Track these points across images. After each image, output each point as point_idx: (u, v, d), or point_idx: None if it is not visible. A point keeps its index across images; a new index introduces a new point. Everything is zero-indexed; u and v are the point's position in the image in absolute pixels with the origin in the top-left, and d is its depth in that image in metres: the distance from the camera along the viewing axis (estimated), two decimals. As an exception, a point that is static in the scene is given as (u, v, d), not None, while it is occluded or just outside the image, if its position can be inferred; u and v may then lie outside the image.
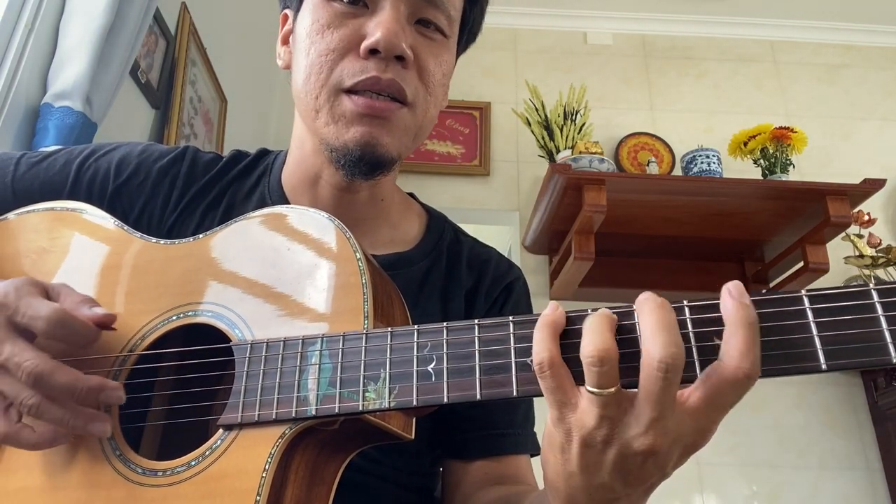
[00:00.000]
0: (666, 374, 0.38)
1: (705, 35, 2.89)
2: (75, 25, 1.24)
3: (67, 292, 0.53)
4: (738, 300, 0.39)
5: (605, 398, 0.39)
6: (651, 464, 0.40)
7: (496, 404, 0.72)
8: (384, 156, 0.65)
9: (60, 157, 0.72)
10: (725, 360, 0.38)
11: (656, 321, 0.39)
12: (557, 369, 0.41)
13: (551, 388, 0.41)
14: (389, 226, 0.77)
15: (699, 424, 0.40)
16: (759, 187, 2.08)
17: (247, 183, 0.76)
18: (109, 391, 0.49)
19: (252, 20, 2.39)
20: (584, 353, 0.40)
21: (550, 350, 0.41)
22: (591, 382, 0.40)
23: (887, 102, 2.76)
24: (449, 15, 0.67)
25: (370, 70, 0.62)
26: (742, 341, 0.38)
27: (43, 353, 0.48)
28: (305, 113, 0.67)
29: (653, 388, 0.38)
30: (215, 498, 0.47)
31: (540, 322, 0.43)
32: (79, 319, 0.50)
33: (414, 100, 0.65)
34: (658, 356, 0.38)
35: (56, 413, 0.47)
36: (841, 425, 2.24)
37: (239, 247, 0.58)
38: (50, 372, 0.47)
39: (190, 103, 1.84)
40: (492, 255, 0.81)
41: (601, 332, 0.40)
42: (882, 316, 0.38)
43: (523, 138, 2.65)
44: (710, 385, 0.39)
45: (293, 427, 0.48)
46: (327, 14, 0.64)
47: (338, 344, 0.49)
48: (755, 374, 0.38)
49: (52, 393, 0.47)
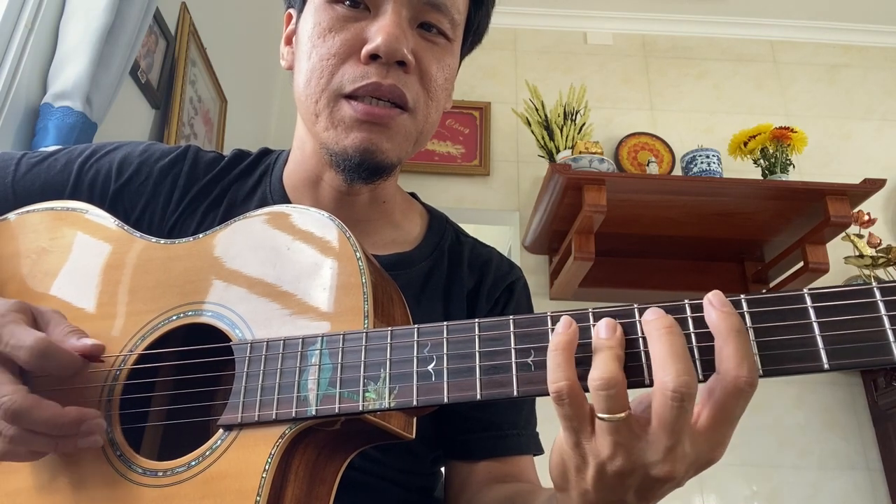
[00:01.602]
0: (681, 404, 0.38)
1: (705, 35, 2.89)
2: (75, 25, 1.24)
3: (57, 321, 0.51)
4: (720, 310, 0.39)
5: (616, 424, 0.39)
6: (669, 485, 0.41)
7: (499, 405, 0.72)
8: (383, 162, 0.64)
9: (61, 157, 0.72)
10: (723, 371, 0.38)
11: (668, 350, 0.39)
12: (576, 397, 0.40)
13: (569, 415, 0.40)
14: (391, 226, 0.76)
15: (713, 441, 0.40)
16: (759, 187, 2.08)
17: (248, 182, 0.76)
18: (89, 422, 0.48)
19: (252, 20, 2.39)
20: (591, 377, 0.39)
21: (569, 378, 0.40)
22: (601, 409, 0.39)
23: (887, 102, 2.76)
24: (452, 18, 0.67)
25: (371, 76, 0.61)
26: (735, 350, 0.38)
27: (22, 388, 0.46)
28: (306, 116, 0.67)
29: (668, 416, 0.38)
30: (215, 498, 0.47)
31: (554, 344, 0.41)
32: (63, 351, 0.49)
33: (415, 105, 0.65)
34: (672, 386, 0.37)
35: (39, 442, 0.47)
36: (841, 425, 2.24)
37: (239, 246, 0.57)
38: (28, 409, 0.45)
39: (190, 103, 1.84)
40: (493, 256, 0.81)
41: (605, 362, 0.40)
42: (885, 315, 0.38)
43: (523, 138, 2.65)
44: (715, 400, 0.39)
45: (293, 427, 0.48)
46: (329, 17, 0.64)
47: (338, 344, 0.49)
48: (754, 379, 0.38)
49: (31, 427, 0.46)
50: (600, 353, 0.40)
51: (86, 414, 0.48)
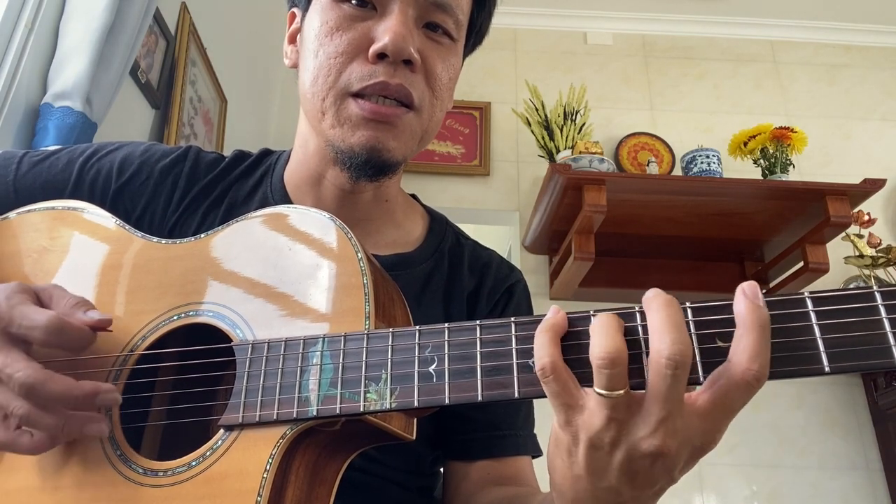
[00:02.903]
0: (675, 371, 0.37)
1: (705, 35, 2.89)
2: (75, 25, 1.23)
3: (60, 295, 0.52)
4: (752, 301, 0.39)
5: (615, 400, 0.39)
6: (659, 466, 0.40)
7: (498, 406, 0.72)
8: (390, 159, 0.65)
9: (63, 156, 0.72)
10: (734, 361, 0.38)
11: (665, 318, 0.39)
12: (560, 373, 0.41)
13: (555, 391, 0.41)
14: (393, 226, 0.77)
15: (707, 426, 0.39)
16: (759, 187, 2.08)
17: (249, 182, 0.76)
18: (104, 395, 0.48)
19: (252, 20, 2.39)
20: (594, 354, 0.39)
21: (552, 354, 0.41)
22: (600, 385, 0.39)
23: (887, 102, 2.76)
24: (457, 19, 0.67)
25: (378, 75, 0.62)
26: (753, 343, 0.38)
27: (36, 363, 0.47)
28: (311, 114, 0.67)
29: (661, 385, 0.38)
30: (216, 498, 0.47)
31: (541, 326, 0.42)
32: (74, 325, 0.50)
33: (420, 104, 0.65)
34: (667, 353, 0.38)
35: (48, 421, 0.47)
36: (841, 425, 2.24)
37: (240, 246, 0.57)
38: (42, 382, 0.46)
39: (190, 103, 1.84)
40: (493, 258, 0.81)
41: (610, 334, 0.40)
42: (885, 319, 0.38)
43: (523, 138, 2.65)
44: (718, 387, 0.39)
45: (294, 428, 0.48)
46: (336, 16, 0.64)
47: (339, 344, 0.49)
48: (764, 376, 0.38)
49: (45, 402, 0.47)
50: (601, 329, 0.40)
51: (100, 386, 0.48)
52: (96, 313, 0.51)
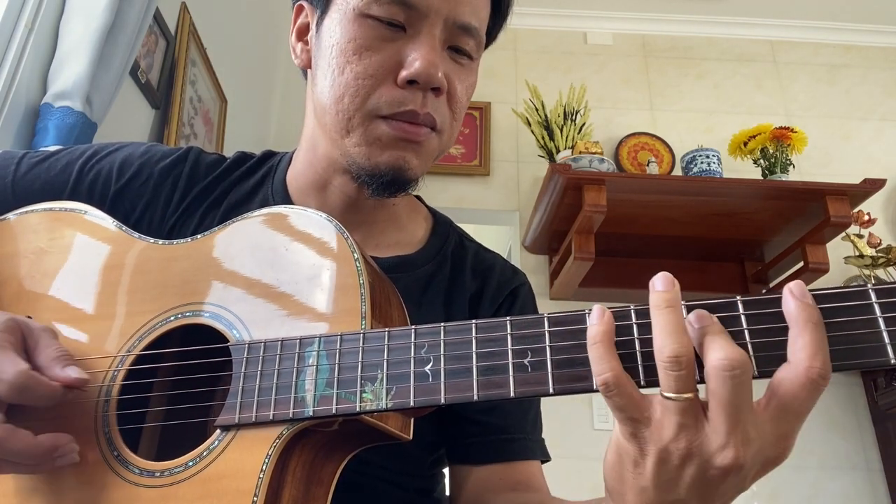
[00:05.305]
0: (732, 373, 0.37)
1: (705, 35, 2.89)
2: (75, 25, 1.24)
3: (46, 343, 0.50)
4: (801, 300, 0.38)
5: (684, 404, 0.38)
6: (732, 480, 0.38)
7: (506, 409, 0.72)
8: (411, 178, 0.66)
9: (62, 157, 0.71)
10: (795, 361, 0.37)
11: (710, 328, 0.38)
12: (625, 386, 0.39)
13: (620, 405, 0.39)
14: (396, 228, 0.76)
15: (779, 431, 0.38)
16: (759, 187, 2.08)
17: (249, 183, 0.75)
18: (62, 448, 0.48)
19: (252, 20, 2.39)
20: (662, 356, 0.38)
21: (613, 368, 0.39)
22: (668, 388, 0.38)
23: (887, 102, 2.76)
24: (479, 39, 0.67)
25: (408, 103, 0.62)
26: (811, 341, 0.37)
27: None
28: (333, 128, 0.66)
29: (725, 393, 0.37)
30: (213, 498, 0.47)
31: (592, 336, 0.40)
32: (42, 384, 0.48)
33: (443, 126, 0.66)
34: (722, 358, 0.37)
35: (16, 469, 0.47)
36: (841, 425, 2.24)
37: (238, 247, 0.57)
38: (1, 440, 0.45)
39: (190, 103, 1.84)
40: (496, 261, 0.81)
41: (677, 333, 0.38)
42: (880, 317, 0.38)
43: (523, 138, 2.65)
44: (783, 392, 0.38)
45: (291, 428, 0.48)
46: (365, 34, 0.63)
47: (335, 345, 0.49)
48: (828, 373, 0.37)
49: (5, 458, 0.46)
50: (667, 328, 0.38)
51: (59, 440, 0.48)
52: (74, 371, 0.49)
